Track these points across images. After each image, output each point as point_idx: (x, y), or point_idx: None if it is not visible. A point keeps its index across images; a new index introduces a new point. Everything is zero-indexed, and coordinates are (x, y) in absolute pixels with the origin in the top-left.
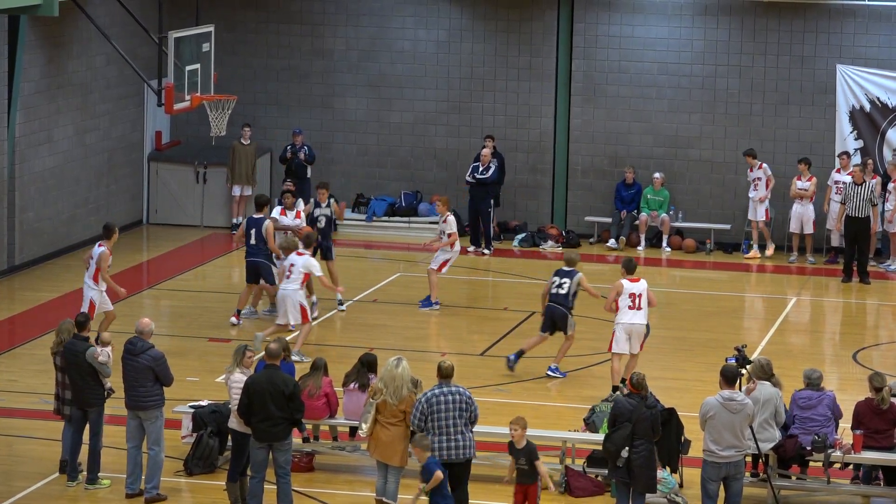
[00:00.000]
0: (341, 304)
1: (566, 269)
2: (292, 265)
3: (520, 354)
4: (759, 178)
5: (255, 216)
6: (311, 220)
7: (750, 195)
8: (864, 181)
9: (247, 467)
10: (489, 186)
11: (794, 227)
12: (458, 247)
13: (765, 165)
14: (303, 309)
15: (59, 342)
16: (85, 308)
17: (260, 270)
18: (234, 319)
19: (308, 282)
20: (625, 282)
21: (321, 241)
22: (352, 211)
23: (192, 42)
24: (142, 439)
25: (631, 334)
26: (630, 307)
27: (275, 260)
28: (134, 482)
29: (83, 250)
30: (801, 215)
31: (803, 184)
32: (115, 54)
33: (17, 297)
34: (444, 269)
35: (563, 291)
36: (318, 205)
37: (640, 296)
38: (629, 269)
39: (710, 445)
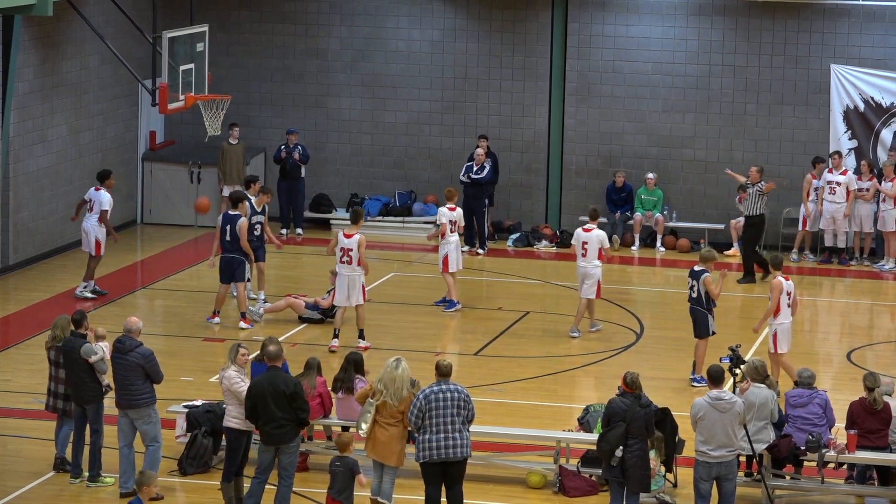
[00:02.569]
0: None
1: (696, 268)
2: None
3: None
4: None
5: (230, 213)
6: (250, 226)
7: None
8: (760, 180)
9: (242, 467)
10: (484, 186)
11: (809, 227)
12: (453, 238)
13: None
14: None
15: (54, 337)
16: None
17: (233, 266)
18: (214, 319)
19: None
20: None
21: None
22: (346, 211)
23: (186, 42)
24: (133, 438)
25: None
26: (788, 305)
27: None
28: (127, 481)
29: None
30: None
31: (819, 182)
32: (110, 54)
33: (10, 297)
34: (450, 266)
35: (694, 295)
36: (254, 211)
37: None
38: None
39: (701, 446)
